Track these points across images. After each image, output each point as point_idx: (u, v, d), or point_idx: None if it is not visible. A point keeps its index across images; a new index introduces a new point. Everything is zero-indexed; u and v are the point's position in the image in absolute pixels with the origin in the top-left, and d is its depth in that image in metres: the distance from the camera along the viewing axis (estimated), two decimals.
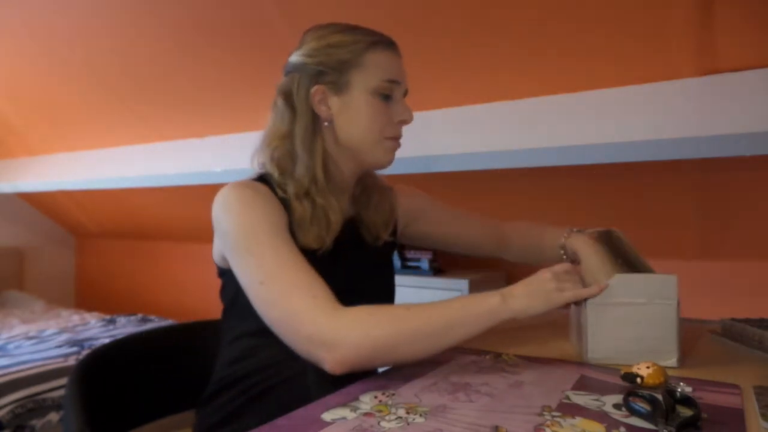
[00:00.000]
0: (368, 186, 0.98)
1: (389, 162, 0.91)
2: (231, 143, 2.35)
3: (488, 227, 1.15)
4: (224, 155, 2.32)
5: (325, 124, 0.87)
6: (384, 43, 0.88)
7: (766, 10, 1.25)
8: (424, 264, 2.09)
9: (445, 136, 1.78)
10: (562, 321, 1.01)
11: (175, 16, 1.91)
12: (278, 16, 1.71)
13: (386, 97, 0.87)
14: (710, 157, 1.41)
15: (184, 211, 2.85)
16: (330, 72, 0.85)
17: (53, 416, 1.84)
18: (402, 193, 1.08)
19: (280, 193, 0.85)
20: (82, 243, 3.99)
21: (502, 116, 1.70)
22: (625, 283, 0.82)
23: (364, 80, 0.86)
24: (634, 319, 0.80)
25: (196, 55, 2.05)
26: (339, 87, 0.86)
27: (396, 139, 0.90)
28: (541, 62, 1.56)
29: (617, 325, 0.81)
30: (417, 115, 0.94)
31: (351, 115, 0.87)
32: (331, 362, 0.71)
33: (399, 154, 0.93)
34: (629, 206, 1.82)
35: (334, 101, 0.86)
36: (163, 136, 2.66)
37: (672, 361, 0.79)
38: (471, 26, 1.53)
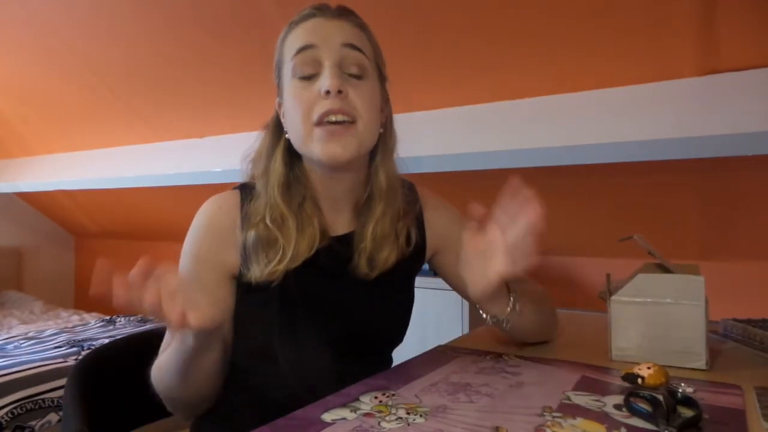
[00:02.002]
0: (373, 189, 0.82)
1: (329, 156, 0.73)
2: (231, 143, 2.35)
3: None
4: (224, 155, 2.32)
5: (286, 135, 0.79)
6: (298, 20, 0.78)
7: (766, 9, 1.25)
8: (425, 264, 2.08)
9: (445, 136, 1.77)
10: (563, 321, 1.01)
11: (175, 17, 1.91)
12: (279, 16, 1.71)
13: (309, 77, 0.74)
14: (710, 157, 1.41)
15: (184, 211, 2.84)
16: (277, 81, 0.82)
17: (53, 417, 1.84)
18: (434, 208, 0.90)
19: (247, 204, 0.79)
20: (81, 243, 3.99)
21: (502, 116, 1.70)
22: (650, 282, 0.80)
23: (287, 72, 0.77)
24: (660, 319, 0.79)
25: (196, 55, 2.05)
26: (280, 91, 0.81)
27: (324, 125, 0.73)
28: (541, 62, 1.56)
29: (642, 324, 0.80)
30: (418, 115, 0.91)
31: (285, 111, 0.79)
32: None
33: (401, 154, 0.88)
34: (629, 206, 1.82)
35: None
36: (162, 136, 2.66)
37: (701, 363, 0.77)
38: (471, 26, 1.53)
